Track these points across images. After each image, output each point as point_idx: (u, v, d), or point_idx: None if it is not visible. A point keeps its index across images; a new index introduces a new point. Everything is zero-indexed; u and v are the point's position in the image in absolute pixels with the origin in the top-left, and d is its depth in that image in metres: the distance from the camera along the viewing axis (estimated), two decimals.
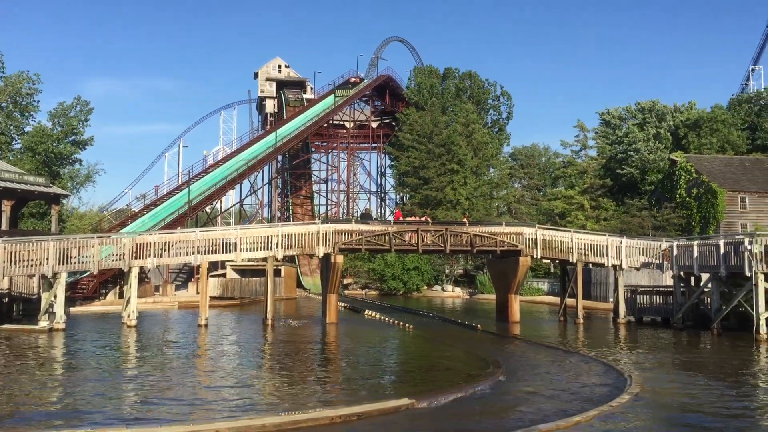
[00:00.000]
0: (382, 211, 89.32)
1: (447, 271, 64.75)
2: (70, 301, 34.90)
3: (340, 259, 31.35)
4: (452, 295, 61.44)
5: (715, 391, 15.58)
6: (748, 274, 25.48)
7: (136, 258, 29.73)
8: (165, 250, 30.67)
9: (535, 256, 33.53)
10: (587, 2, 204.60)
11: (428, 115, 72.18)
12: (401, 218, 38.67)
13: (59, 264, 27.74)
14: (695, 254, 29.11)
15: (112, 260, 30.20)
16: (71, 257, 28.36)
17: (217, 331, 29.42)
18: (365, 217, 47.66)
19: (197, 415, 12.76)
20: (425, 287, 62.78)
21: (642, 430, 12.00)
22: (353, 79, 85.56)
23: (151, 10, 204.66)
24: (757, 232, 28.27)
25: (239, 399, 14.46)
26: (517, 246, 32.61)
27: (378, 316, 36.16)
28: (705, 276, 29.44)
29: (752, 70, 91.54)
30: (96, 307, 39.80)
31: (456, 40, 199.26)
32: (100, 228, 50.88)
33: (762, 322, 24.90)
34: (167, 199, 56.24)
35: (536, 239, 33.08)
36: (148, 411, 13.17)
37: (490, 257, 37.75)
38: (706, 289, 29.70)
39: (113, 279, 43.18)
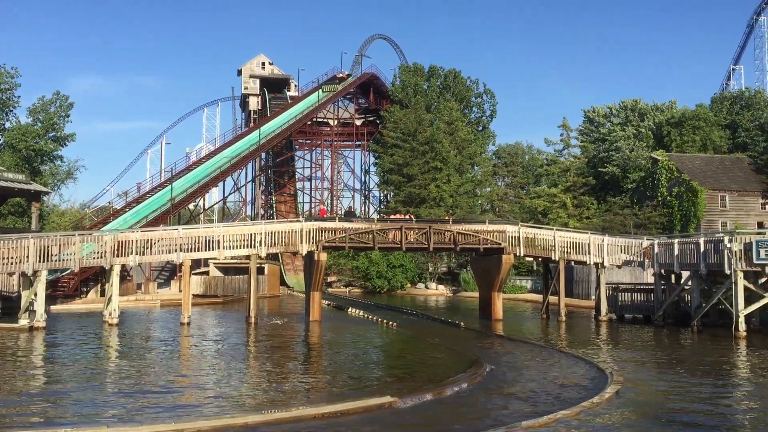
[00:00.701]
0: (366, 209, 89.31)
1: (431, 269, 64.88)
2: (50, 299, 34.57)
3: (323, 256, 31.31)
4: (436, 292, 61.58)
5: (695, 388, 15.74)
6: (727, 271, 25.77)
7: (117, 256, 29.50)
8: (147, 247, 30.44)
9: (518, 254, 33.66)
10: (573, 2, 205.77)
11: (412, 113, 72.28)
12: (326, 215, 38.44)
13: (40, 262, 27.47)
14: (676, 252, 29.39)
15: (94, 258, 29.92)
16: (52, 255, 28.09)
17: (200, 329, 29.30)
18: (349, 215, 47.65)
19: (179, 414, 12.69)
20: (409, 285, 62.87)
21: (623, 426, 12.10)
22: (340, 75, 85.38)
23: (134, 6, 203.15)
24: (737, 231, 28.61)
25: (222, 397, 14.41)
26: (500, 244, 32.74)
27: (362, 313, 36.16)
28: (685, 274, 29.75)
29: (733, 69, 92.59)
30: (77, 306, 39.44)
31: (441, 37, 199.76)
32: (82, 225, 50.39)
33: (741, 319, 25.20)
34: (149, 197, 55.80)
35: (519, 237, 33.21)
36: (129, 410, 13.08)
37: (473, 255, 37.87)
38: (686, 287, 30.02)
39: (94, 277, 42.83)
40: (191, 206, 64.74)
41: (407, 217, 38.97)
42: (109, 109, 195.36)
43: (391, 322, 30.87)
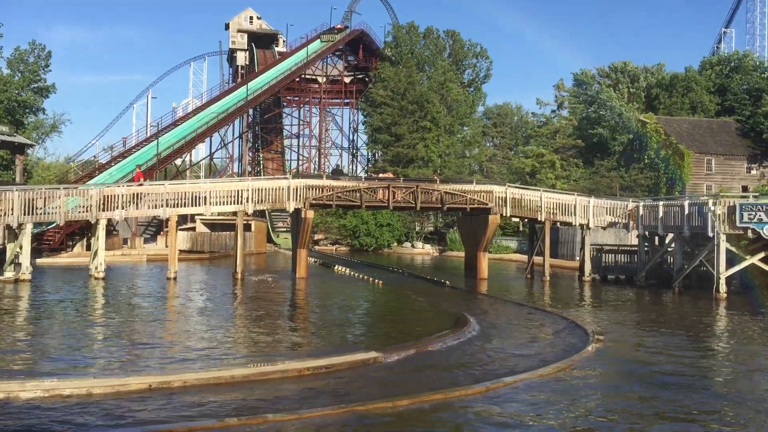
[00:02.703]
0: (354, 168, 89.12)
1: (417, 228, 65.10)
2: (36, 253, 34.46)
3: (310, 214, 31.32)
4: (422, 252, 61.93)
5: (675, 347, 16.02)
6: (710, 234, 26.05)
7: (103, 210, 29.35)
8: (133, 202, 30.31)
9: (504, 215, 33.83)
10: None
11: (403, 71, 71.58)
12: (142, 179, 36.78)
13: (24, 214, 27.31)
14: (660, 215, 29.62)
15: (79, 212, 29.74)
16: (37, 208, 27.92)
17: (186, 284, 29.37)
18: (336, 173, 47.57)
19: (166, 367, 12.80)
20: (396, 244, 63.15)
21: (602, 383, 12.36)
22: (339, 27, 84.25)
23: None
24: (721, 194, 28.83)
25: (208, 351, 14.52)
26: (486, 204, 32.85)
27: (348, 271, 36.36)
28: (669, 236, 30.05)
29: (724, 32, 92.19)
30: (63, 259, 39.36)
31: None
32: (67, 179, 49.96)
33: (722, 281, 25.56)
34: (135, 151, 55.30)
35: (506, 198, 33.34)
36: (115, 362, 13.18)
37: (460, 215, 38.01)
38: (669, 249, 30.35)
39: (80, 231, 42.64)
40: (178, 162, 64.30)
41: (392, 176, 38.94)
42: (92, 62, 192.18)
43: (377, 280, 31.09)
